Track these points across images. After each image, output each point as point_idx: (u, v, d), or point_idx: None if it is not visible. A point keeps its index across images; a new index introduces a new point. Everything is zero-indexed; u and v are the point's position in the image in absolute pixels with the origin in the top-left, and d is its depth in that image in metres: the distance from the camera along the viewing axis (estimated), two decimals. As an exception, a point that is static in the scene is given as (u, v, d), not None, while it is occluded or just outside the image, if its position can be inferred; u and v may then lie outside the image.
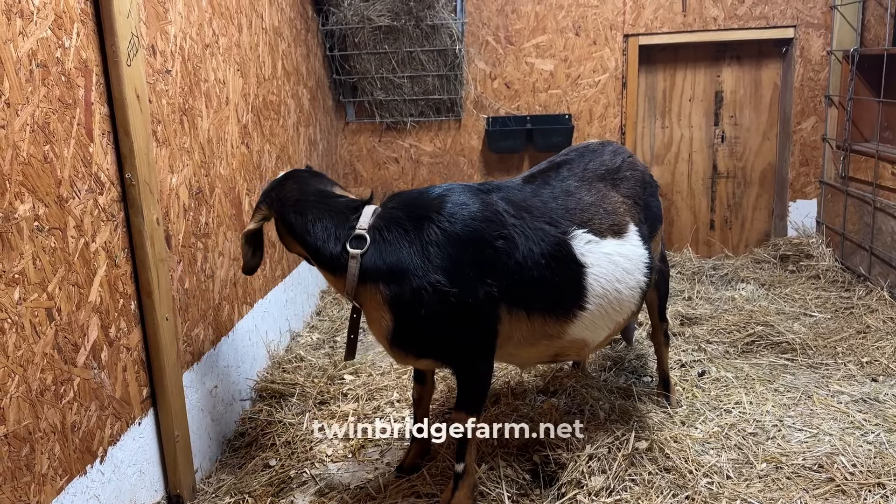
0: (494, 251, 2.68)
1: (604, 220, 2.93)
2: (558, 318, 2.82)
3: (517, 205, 2.83)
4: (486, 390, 2.90)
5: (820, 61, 5.83)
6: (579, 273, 2.81)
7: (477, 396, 2.82)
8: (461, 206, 2.72)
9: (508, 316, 2.75)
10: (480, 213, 2.72)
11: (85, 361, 2.44)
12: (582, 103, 6.09)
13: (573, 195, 2.98)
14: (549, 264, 2.76)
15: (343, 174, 6.26)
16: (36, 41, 2.23)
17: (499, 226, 2.72)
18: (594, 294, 2.82)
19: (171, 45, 3.11)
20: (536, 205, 2.88)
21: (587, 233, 2.86)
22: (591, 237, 2.86)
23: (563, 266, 2.79)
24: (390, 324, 2.65)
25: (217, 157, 3.55)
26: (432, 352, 2.76)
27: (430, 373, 3.20)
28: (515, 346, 2.85)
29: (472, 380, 2.82)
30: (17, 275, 2.12)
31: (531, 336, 2.83)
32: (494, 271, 2.68)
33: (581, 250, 2.82)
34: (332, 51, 5.79)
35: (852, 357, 4.10)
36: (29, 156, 2.19)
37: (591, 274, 2.81)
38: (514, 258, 2.70)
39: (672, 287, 5.38)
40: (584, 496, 2.85)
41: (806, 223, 6.12)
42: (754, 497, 2.83)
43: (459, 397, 2.84)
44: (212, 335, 3.46)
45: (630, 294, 2.93)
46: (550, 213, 2.87)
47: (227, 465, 3.40)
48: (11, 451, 2.08)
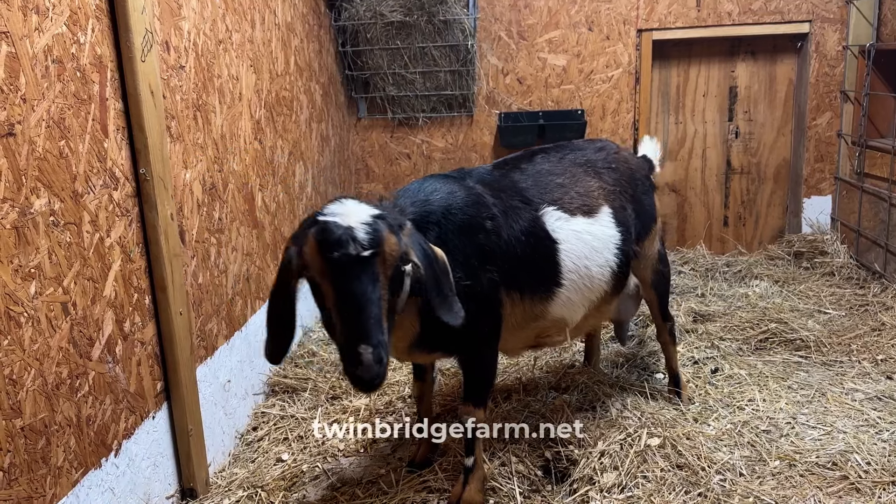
0: (486, 234, 2.69)
1: (574, 200, 2.98)
2: (542, 296, 2.87)
3: (491, 186, 2.86)
4: (493, 380, 2.92)
5: (835, 56, 5.78)
6: (553, 249, 2.86)
7: (484, 386, 2.84)
8: (451, 195, 2.69)
9: (508, 299, 2.78)
10: (469, 199, 2.71)
11: (100, 355, 2.46)
12: (595, 99, 6.06)
13: (544, 177, 3.03)
14: (528, 241, 2.80)
15: (355, 170, 6.27)
16: (51, 37, 2.25)
17: (484, 207, 2.72)
18: (567, 270, 2.88)
19: (185, 41, 3.12)
20: (508, 186, 2.92)
21: (557, 210, 2.92)
22: (561, 214, 2.92)
23: (540, 242, 2.84)
24: (418, 330, 2.59)
25: (230, 152, 3.56)
26: (444, 346, 2.75)
27: (430, 368, 3.20)
28: (510, 330, 2.87)
29: (481, 369, 2.83)
30: (34, 269, 2.14)
31: (523, 318, 2.87)
32: (492, 255, 2.70)
33: (552, 226, 2.88)
34: (344, 46, 5.80)
35: (867, 354, 4.06)
36: (45, 151, 2.20)
37: (563, 250, 2.86)
38: (502, 238, 2.72)
39: (685, 283, 5.36)
40: (596, 492, 2.84)
41: (820, 220, 6.07)
42: (767, 495, 2.82)
43: (467, 389, 2.85)
44: (225, 330, 3.48)
45: (600, 272, 2.97)
46: (522, 192, 2.92)
47: (239, 458, 3.42)
48: (28, 444, 2.10)
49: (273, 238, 4.17)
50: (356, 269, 2.10)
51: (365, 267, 2.11)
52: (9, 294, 2.04)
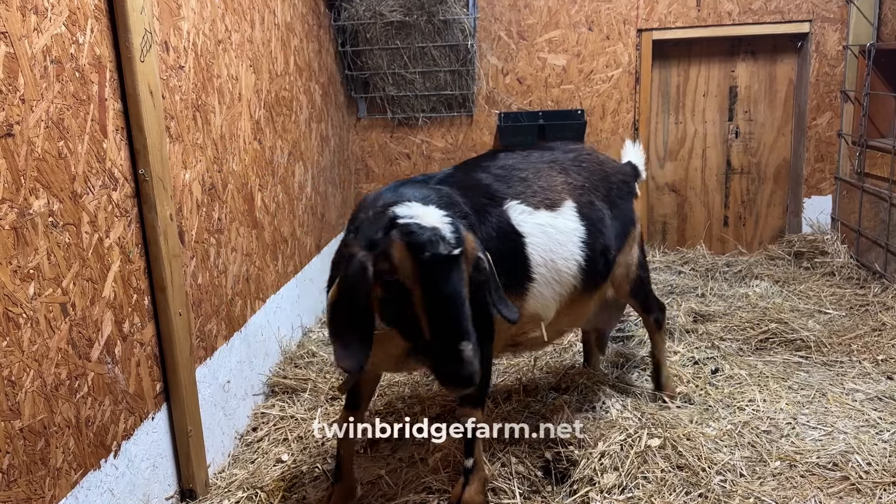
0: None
1: (537, 194, 2.97)
2: (517, 292, 2.84)
3: (458, 185, 2.84)
4: (489, 380, 2.88)
5: (836, 56, 5.77)
6: (521, 243, 2.85)
7: (481, 387, 2.76)
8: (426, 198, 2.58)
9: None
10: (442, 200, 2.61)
11: (99, 356, 2.45)
12: (595, 98, 6.06)
13: (507, 173, 3.02)
14: (499, 236, 2.79)
15: (355, 170, 6.26)
16: (50, 37, 2.24)
17: (457, 206, 2.67)
18: (536, 264, 2.85)
19: (184, 41, 3.11)
20: (473, 184, 2.91)
21: (520, 204, 2.90)
22: (525, 208, 2.91)
23: (509, 237, 2.83)
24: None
25: (230, 153, 3.56)
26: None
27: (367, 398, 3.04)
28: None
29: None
30: (32, 270, 2.14)
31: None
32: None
33: (517, 220, 2.86)
34: (343, 46, 5.79)
35: (867, 355, 4.06)
36: (44, 151, 2.20)
37: (530, 244, 2.84)
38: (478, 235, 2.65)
39: (685, 284, 5.35)
40: (597, 493, 2.84)
41: (821, 220, 6.07)
42: (768, 495, 2.81)
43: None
44: (224, 330, 3.48)
45: (566, 265, 2.94)
46: (487, 188, 2.91)
47: (239, 459, 3.42)
48: (27, 445, 2.10)
49: (273, 238, 4.17)
50: (446, 269, 2.12)
51: (454, 266, 2.13)
52: (7, 295, 2.03)
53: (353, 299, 2.24)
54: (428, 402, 3.73)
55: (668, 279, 5.48)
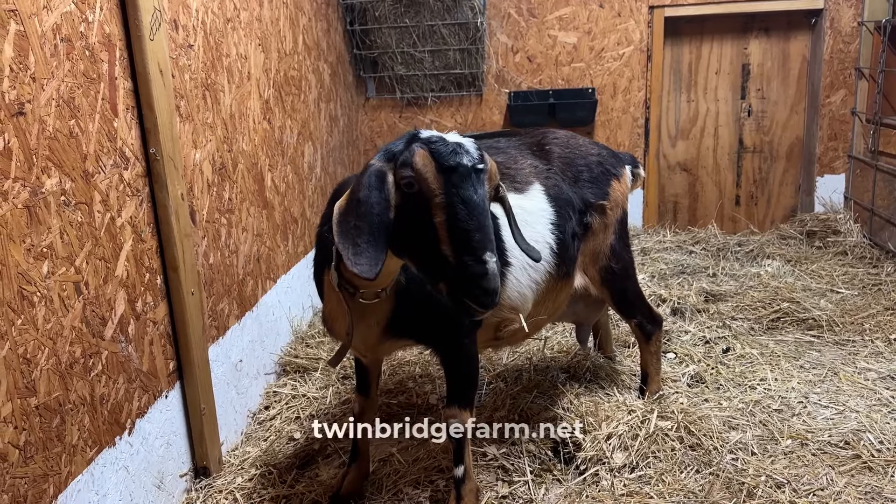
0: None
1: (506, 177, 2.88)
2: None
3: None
4: (477, 376, 2.77)
5: (850, 32, 5.69)
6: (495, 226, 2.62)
7: (469, 385, 2.69)
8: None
9: None
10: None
11: (112, 335, 2.47)
12: (606, 77, 6.00)
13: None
14: None
15: (364, 150, 6.24)
16: (60, 15, 2.23)
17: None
18: (510, 247, 2.72)
19: (193, 20, 3.10)
20: None
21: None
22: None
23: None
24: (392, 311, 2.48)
25: (239, 132, 3.55)
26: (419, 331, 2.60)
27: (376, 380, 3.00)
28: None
29: (464, 364, 2.68)
30: (46, 249, 2.14)
31: None
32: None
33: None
34: (352, 25, 5.75)
35: (880, 334, 4.04)
36: (55, 130, 2.20)
37: (502, 226, 2.66)
38: None
39: (697, 263, 5.33)
40: (607, 472, 2.85)
41: (833, 199, 6.02)
42: (779, 473, 2.81)
43: (451, 390, 2.69)
44: (236, 310, 3.49)
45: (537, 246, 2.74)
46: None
47: (252, 437, 3.45)
48: (42, 423, 2.12)
49: (283, 218, 4.17)
50: (472, 180, 2.04)
51: (479, 179, 2.07)
52: (21, 273, 2.04)
53: (369, 208, 2.06)
54: (439, 381, 3.74)
55: (680, 259, 5.46)
